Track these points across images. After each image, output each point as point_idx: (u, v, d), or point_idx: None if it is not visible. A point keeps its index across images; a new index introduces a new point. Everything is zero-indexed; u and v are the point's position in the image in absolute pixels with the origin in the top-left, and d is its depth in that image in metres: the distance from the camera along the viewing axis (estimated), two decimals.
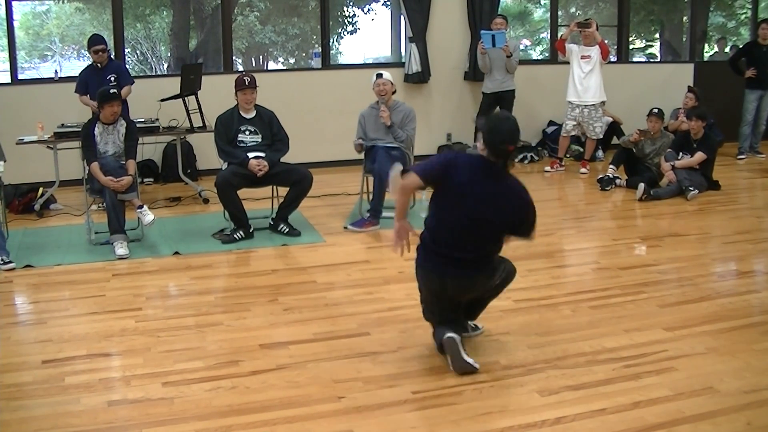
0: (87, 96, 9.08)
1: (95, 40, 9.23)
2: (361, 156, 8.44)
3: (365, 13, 14.47)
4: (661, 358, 4.87)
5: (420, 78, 11.55)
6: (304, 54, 14.40)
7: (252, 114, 7.87)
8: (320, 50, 11.66)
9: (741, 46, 12.66)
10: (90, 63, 9.37)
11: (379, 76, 8.35)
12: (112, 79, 9.13)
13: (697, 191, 9.24)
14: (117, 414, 4.22)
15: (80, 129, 7.80)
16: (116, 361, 4.96)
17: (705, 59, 15.00)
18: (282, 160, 7.87)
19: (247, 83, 7.78)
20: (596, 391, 4.43)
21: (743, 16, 17.24)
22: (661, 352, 4.96)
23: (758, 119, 12.02)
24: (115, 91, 7.57)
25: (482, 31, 10.69)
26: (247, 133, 7.80)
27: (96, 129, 7.47)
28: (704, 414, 4.15)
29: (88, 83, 9.11)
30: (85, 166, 7.48)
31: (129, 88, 9.18)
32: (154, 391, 4.47)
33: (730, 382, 4.53)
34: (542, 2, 15.69)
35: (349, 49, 14.53)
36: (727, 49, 15.56)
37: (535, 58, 15.92)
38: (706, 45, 16.18)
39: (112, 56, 9.60)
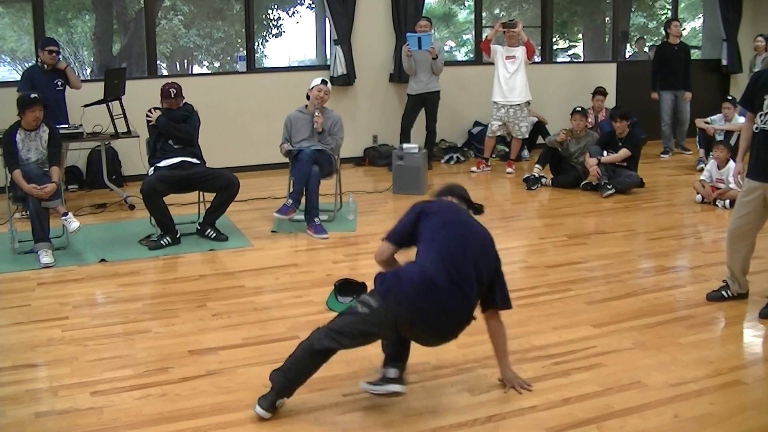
0: None
1: (51, 42, 9.17)
2: (287, 159, 8.38)
3: (290, 16, 14.48)
4: (590, 355, 4.94)
5: (345, 80, 11.54)
6: (228, 58, 14.34)
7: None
8: (245, 54, 11.58)
9: (654, 50, 12.90)
10: (34, 64, 9.23)
11: (324, 82, 8.36)
12: (59, 83, 9.04)
13: (613, 190, 9.40)
14: (45, 426, 4.14)
15: (1, 136, 7.65)
16: (43, 372, 4.88)
17: (627, 58, 15.26)
18: (208, 165, 7.85)
19: (172, 95, 7.76)
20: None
21: (663, 17, 17.58)
22: (589, 348, 5.04)
23: (681, 118, 12.26)
24: (36, 96, 7.42)
25: (408, 34, 10.71)
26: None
27: (18, 135, 7.32)
28: (632, 408, 4.23)
29: (34, 83, 8.90)
30: (7, 174, 7.34)
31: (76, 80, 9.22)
32: (82, 401, 4.40)
33: (657, 375, 4.62)
34: (467, 4, 15.82)
35: (274, 52, 14.53)
36: (645, 49, 15.84)
37: (460, 59, 16.03)
38: (628, 45, 16.47)
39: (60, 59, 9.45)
